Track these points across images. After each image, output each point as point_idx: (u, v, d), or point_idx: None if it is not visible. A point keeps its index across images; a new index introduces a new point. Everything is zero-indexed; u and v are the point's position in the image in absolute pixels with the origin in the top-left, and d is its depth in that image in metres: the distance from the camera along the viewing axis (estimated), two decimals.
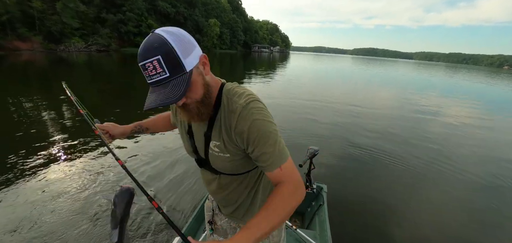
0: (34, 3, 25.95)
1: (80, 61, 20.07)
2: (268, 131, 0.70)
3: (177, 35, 0.63)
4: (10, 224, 2.32)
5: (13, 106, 5.90)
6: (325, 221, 2.13)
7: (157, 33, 0.62)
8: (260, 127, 0.69)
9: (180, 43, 0.62)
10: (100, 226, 2.36)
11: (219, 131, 0.77)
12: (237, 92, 0.75)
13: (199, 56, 0.68)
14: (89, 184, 3.00)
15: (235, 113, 0.72)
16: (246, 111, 0.71)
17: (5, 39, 23.52)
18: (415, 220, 2.89)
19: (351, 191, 3.40)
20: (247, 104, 0.71)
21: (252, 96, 0.74)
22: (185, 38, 0.65)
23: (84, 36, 31.51)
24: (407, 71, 37.47)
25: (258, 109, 0.71)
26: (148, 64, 0.60)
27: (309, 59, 62.23)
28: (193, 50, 0.66)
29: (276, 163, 0.70)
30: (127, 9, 37.50)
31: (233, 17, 71.92)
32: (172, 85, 0.62)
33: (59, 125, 4.98)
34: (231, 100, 0.74)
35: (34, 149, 3.80)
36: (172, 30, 0.64)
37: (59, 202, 2.66)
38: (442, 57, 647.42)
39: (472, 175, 4.06)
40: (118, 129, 1.12)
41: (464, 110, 9.75)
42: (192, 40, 0.67)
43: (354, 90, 13.00)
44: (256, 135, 0.69)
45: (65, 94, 1.29)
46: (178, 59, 0.61)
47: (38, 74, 12.05)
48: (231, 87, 0.78)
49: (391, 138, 5.55)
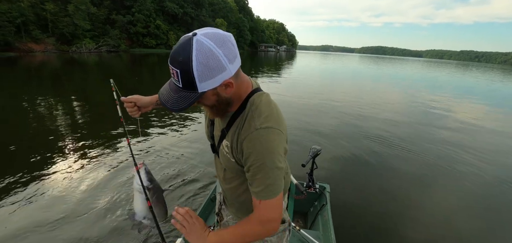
0: (47, 6, 26.81)
1: (91, 62, 20.63)
2: (265, 164, 0.72)
3: (206, 57, 0.62)
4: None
5: (30, 105, 6.22)
6: (328, 221, 2.11)
7: (190, 42, 0.62)
8: (260, 157, 0.71)
9: (203, 69, 0.63)
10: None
11: (233, 133, 0.79)
12: (260, 111, 0.75)
13: (222, 81, 0.66)
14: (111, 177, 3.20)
15: (247, 130, 0.74)
16: (256, 135, 0.72)
17: (20, 41, 24.41)
18: (421, 222, 2.85)
19: (355, 191, 3.39)
20: (260, 130, 0.72)
21: (270, 123, 0.74)
22: (213, 62, 0.63)
23: (95, 38, 32.33)
24: (417, 70, 36.79)
25: (267, 139, 0.72)
26: (171, 67, 0.66)
27: (315, 58, 61.77)
28: (216, 75, 0.65)
29: (258, 195, 0.74)
30: (136, 11, 38.20)
31: (240, 17, 72.16)
32: (180, 96, 0.68)
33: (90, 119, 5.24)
34: (251, 115, 0.75)
35: (61, 145, 4.04)
36: (206, 47, 0.62)
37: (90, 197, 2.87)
38: (453, 55, 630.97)
39: (485, 179, 3.93)
40: (144, 99, 1.10)
41: (476, 110, 9.51)
42: (221, 64, 0.64)
43: (360, 90, 12.93)
44: (254, 162, 0.72)
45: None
46: (193, 81, 0.64)
47: (53, 75, 12.50)
48: (258, 101, 0.77)
49: (397, 137, 5.52)
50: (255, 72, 17.94)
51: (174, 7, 45.55)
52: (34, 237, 2.31)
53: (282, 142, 0.76)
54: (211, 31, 0.65)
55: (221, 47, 0.63)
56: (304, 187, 2.29)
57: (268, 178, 0.73)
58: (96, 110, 6.42)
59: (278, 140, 0.74)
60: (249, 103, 0.78)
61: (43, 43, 26.82)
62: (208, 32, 0.64)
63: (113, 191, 2.99)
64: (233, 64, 0.67)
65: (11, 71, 13.47)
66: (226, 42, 0.65)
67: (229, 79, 0.67)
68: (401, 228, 2.72)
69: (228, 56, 0.65)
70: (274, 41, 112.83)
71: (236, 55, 0.68)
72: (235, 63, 0.68)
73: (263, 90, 0.83)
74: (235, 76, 0.69)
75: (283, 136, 0.77)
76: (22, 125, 5.09)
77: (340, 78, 18.24)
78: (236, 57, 0.68)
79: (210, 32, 0.64)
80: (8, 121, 5.32)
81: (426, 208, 3.13)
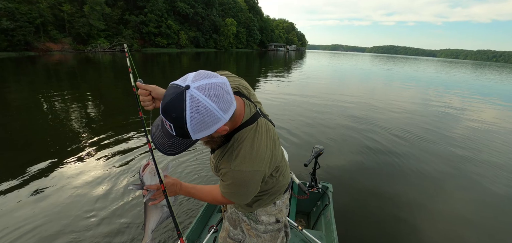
0: (64, 7, 27.86)
1: (105, 60, 21.31)
2: (234, 192, 0.88)
3: (200, 115, 0.60)
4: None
5: (48, 99, 6.63)
6: (331, 221, 2.08)
7: (183, 98, 0.59)
8: (230, 185, 0.86)
9: (197, 126, 0.62)
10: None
11: (217, 156, 0.90)
12: (238, 152, 0.81)
13: (216, 129, 0.67)
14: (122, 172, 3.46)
15: (225, 165, 0.85)
16: (231, 174, 0.83)
17: (39, 41, 25.45)
18: (425, 226, 2.79)
19: (359, 191, 3.39)
20: (234, 172, 0.82)
21: (243, 167, 0.80)
22: (208, 118, 0.62)
23: (109, 37, 33.28)
24: (433, 70, 35.83)
25: (238, 180, 0.83)
26: (164, 119, 0.64)
27: (325, 58, 61.04)
28: (211, 127, 0.64)
29: (222, 191, 0.92)
30: (148, 11, 39.01)
31: (250, 16, 72.27)
32: (173, 142, 0.69)
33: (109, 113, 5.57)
34: (230, 152, 0.83)
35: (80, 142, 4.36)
36: (200, 104, 0.60)
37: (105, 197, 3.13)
38: (469, 55, 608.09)
39: (498, 186, 3.77)
40: (161, 91, 0.99)
41: (491, 112, 9.10)
42: (217, 118, 0.63)
43: (367, 90, 12.79)
44: (226, 181, 0.87)
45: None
46: (187, 133, 0.63)
47: (71, 72, 13.07)
48: (241, 139, 0.81)
49: (403, 138, 5.46)
50: (264, 72, 18.09)
51: (185, 7, 46.21)
52: (50, 227, 2.47)
53: (255, 179, 0.85)
54: (205, 82, 0.62)
55: (216, 101, 0.62)
56: (306, 187, 2.30)
57: (231, 192, 0.88)
58: (112, 104, 6.77)
59: (250, 180, 0.83)
60: (233, 139, 0.83)
61: (60, 42, 27.88)
62: (203, 84, 0.61)
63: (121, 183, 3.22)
64: (228, 113, 0.66)
65: (33, 69, 14.15)
66: (221, 94, 0.63)
67: (224, 126, 0.69)
68: (404, 230, 2.70)
69: (223, 108, 0.64)
70: (283, 40, 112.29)
71: (231, 102, 0.67)
72: (230, 111, 0.67)
73: (258, 119, 0.86)
74: (229, 120, 0.69)
75: (258, 173, 0.84)
76: (42, 117, 5.48)
77: (348, 78, 18.08)
78: (231, 105, 0.67)
79: (204, 85, 0.61)
80: (31, 112, 5.72)
81: (432, 213, 3.07)
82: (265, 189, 1.03)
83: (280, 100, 8.64)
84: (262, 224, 1.14)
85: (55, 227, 2.48)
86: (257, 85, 11.70)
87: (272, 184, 1.03)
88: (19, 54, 22.24)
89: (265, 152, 0.84)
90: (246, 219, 1.17)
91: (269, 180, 0.98)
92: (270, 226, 1.14)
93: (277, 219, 1.14)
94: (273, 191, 1.07)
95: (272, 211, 1.13)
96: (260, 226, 1.14)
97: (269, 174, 0.92)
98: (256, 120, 0.85)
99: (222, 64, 24.78)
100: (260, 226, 1.14)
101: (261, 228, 1.15)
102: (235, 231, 1.30)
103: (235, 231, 1.30)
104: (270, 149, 0.87)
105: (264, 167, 0.85)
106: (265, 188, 1.02)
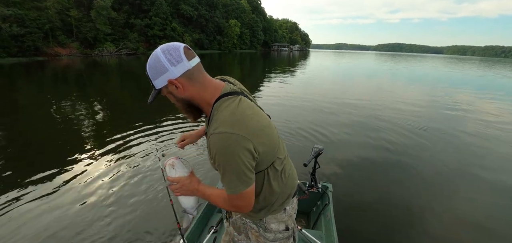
0: (71, 12, 28.51)
1: (112, 64, 21.72)
2: (222, 166, 0.81)
3: (153, 61, 0.80)
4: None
5: (58, 102, 6.87)
6: (331, 221, 2.07)
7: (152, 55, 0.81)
8: (218, 158, 0.80)
9: (151, 70, 0.81)
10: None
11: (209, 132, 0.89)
12: (218, 117, 0.82)
13: (167, 80, 0.80)
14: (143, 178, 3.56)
15: (209, 134, 0.83)
16: (212, 139, 0.80)
17: (48, 46, 26.11)
18: (426, 226, 2.76)
19: (359, 191, 3.37)
20: (213, 135, 0.79)
21: (223, 128, 0.78)
22: (158, 65, 0.79)
23: (115, 41, 33.89)
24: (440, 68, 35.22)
25: (221, 144, 0.78)
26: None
27: (329, 57, 60.51)
28: (160, 75, 0.80)
29: (226, 189, 0.88)
30: (153, 14, 39.57)
31: (253, 17, 72.45)
32: (151, 93, 0.87)
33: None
34: (212, 121, 0.84)
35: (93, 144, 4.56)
36: (154, 54, 0.80)
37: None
38: (477, 51, 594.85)
39: (504, 186, 3.69)
40: (191, 135, 1.29)
41: (496, 109, 8.73)
42: (164, 67, 0.78)
43: (370, 89, 12.60)
44: (217, 162, 0.82)
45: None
46: (150, 80, 0.83)
47: (80, 76, 13.40)
48: (221, 107, 0.83)
49: (404, 137, 5.38)
50: (268, 72, 18.17)
51: (189, 10, 46.66)
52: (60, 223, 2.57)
53: (240, 144, 0.77)
54: (169, 43, 0.82)
55: (165, 53, 0.78)
56: (306, 187, 2.32)
57: (226, 177, 0.82)
58: (117, 107, 7.00)
59: (234, 144, 0.76)
60: (213, 108, 0.86)
61: (68, 47, 28.55)
62: (166, 44, 0.81)
63: (140, 183, 3.30)
64: (175, 67, 0.78)
65: (43, 74, 14.55)
66: (171, 50, 0.79)
67: (175, 80, 0.80)
68: (404, 230, 2.69)
69: (170, 60, 0.78)
70: (287, 40, 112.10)
71: (181, 60, 0.79)
72: (179, 67, 0.79)
73: (242, 97, 0.86)
74: (186, 79, 0.81)
75: (240, 138, 0.77)
76: (51, 119, 5.71)
77: (351, 77, 17.96)
78: (180, 62, 0.79)
79: (166, 44, 0.81)
80: (41, 115, 5.96)
81: (433, 213, 3.01)
82: (273, 192, 1.00)
83: (280, 100, 8.68)
84: (271, 233, 1.10)
85: (71, 232, 2.50)
86: (259, 86, 11.76)
87: (279, 186, 1.00)
88: (29, 59, 22.82)
89: (250, 121, 0.81)
90: (255, 227, 1.12)
91: (273, 179, 0.96)
92: (279, 234, 1.11)
93: (286, 226, 1.11)
94: (282, 195, 1.04)
95: (283, 218, 1.09)
96: (270, 235, 1.10)
97: (262, 152, 0.84)
98: (239, 96, 0.86)
99: (226, 66, 24.94)
100: (269, 235, 1.10)
101: (270, 236, 1.10)
102: (240, 236, 1.24)
103: (239, 236, 1.24)
104: (259, 122, 0.84)
105: (250, 135, 0.79)
106: (273, 191, 1.00)
